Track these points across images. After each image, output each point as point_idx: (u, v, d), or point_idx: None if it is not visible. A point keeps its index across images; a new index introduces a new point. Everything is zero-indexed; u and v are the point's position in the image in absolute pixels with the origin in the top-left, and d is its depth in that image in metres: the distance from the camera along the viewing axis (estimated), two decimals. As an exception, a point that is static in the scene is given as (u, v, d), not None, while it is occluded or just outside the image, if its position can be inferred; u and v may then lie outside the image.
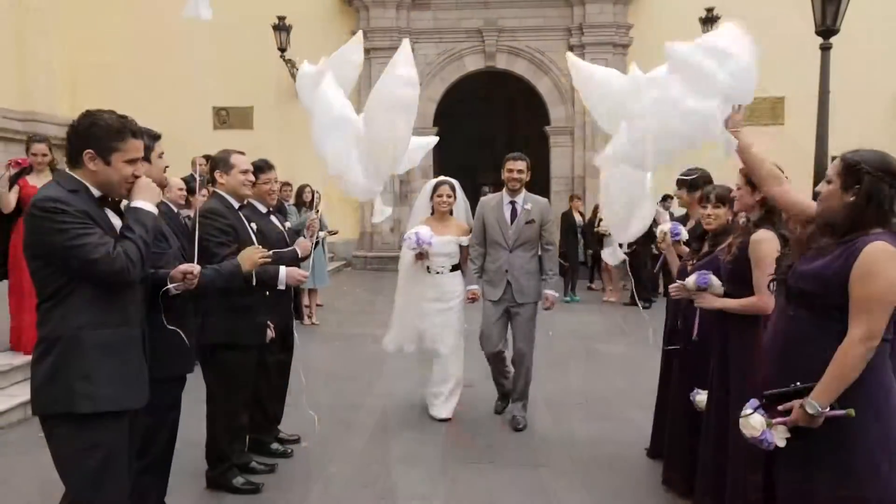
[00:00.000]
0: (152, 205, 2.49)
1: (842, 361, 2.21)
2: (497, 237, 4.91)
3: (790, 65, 12.89)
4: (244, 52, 13.82)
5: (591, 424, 5.11)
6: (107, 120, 2.39)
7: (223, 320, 3.69)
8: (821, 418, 2.20)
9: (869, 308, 2.21)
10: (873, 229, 2.28)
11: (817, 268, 2.33)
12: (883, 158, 2.35)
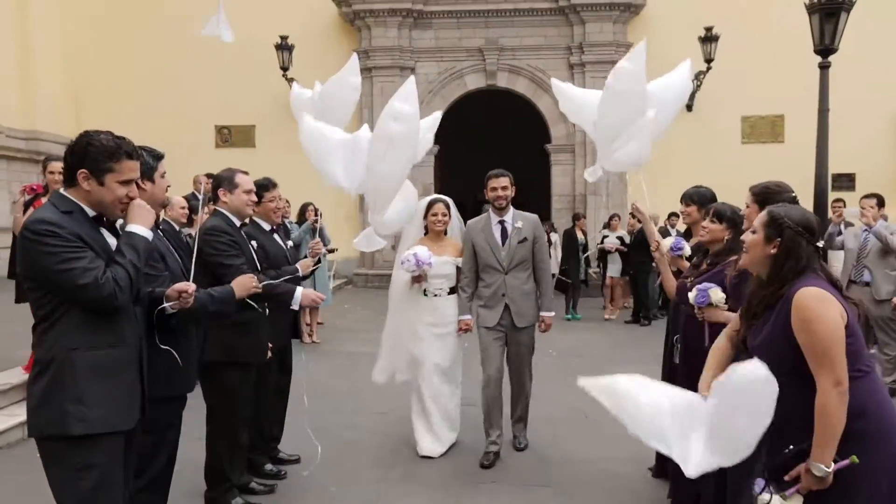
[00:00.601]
0: (146, 229, 2.48)
1: (822, 414, 2.21)
2: (490, 260, 4.64)
3: (790, 83, 13.00)
4: (246, 70, 13.91)
5: (592, 443, 5.06)
6: (102, 141, 2.39)
7: (222, 338, 3.68)
8: (830, 476, 2.19)
9: (823, 355, 2.23)
10: (796, 280, 2.33)
11: (765, 337, 2.39)
12: (804, 215, 2.45)
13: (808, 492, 2.23)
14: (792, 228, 2.38)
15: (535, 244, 4.73)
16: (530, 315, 4.70)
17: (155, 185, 3.08)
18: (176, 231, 3.69)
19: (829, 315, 2.24)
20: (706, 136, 13.90)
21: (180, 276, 3.10)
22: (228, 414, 3.80)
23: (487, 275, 4.66)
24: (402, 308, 4.86)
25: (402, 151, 3.68)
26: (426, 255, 4.53)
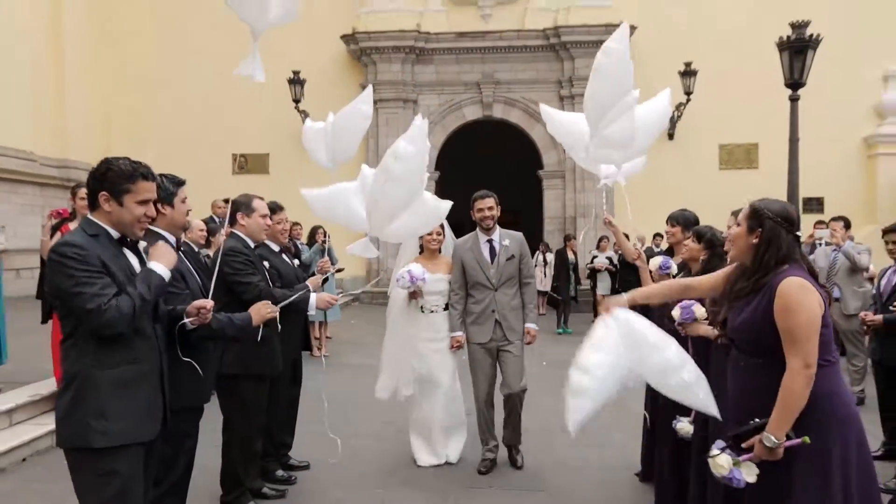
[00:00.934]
0: (166, 269, 2.49)
1: (787, 392, 2.23)
2: (479, 278, 4.52)
3: (763, 114, 13.10)
4: (261, 103, 14.01)
5: (583, 450, 5.02)
6: (120, 165, 2.42)
7: (238, 352, 3.67)
8: (780, 449, 2.21)
9: (799, 339, 2.25)
10: (780, 267, 2.35)
11: (746, 316, 2.40)
12: (783, 207, 2.47)
13: (759, 461, 2.25)
14: (772, 219, 2.40)
15: (521, 261, 4.64)
16: (520, 329, 4.58)
17: (175, 210, 3.09)
18: (195, 252, 3.70)
19: (809, 303, 2.27)
20: (686, 162, 13.97)
21: (199, 294, 3.10)
22: (243, 423, 3.78)
23: (477, 292, 4.54)
24: (400, 325, 4.73)
25: (400, 186, 3.62)
26: (420, 272, 4.42)
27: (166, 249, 2.55)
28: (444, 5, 14.46)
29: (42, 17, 13.52)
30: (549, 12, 14.07)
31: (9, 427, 4.92)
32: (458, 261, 4.60)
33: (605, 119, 3.74)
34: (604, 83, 3.73)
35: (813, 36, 8.59)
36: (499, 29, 14.27)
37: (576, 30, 13.67)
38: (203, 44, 14.55)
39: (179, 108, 14.65)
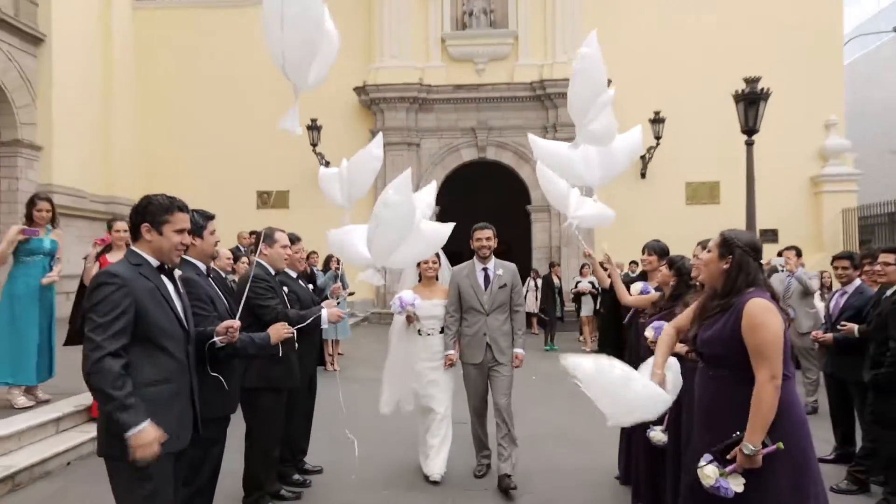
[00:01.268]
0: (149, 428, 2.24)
1: (758, 403, 2.22)
2: (473, 303, 4.41)
3: (723, 155, 13.20)
4: (283, 146, 14.07)
5: (570, 456, 4.98)
6: (158, 199, 2.46)
7: (259, 367, 3.66)
8: (758, 456, 2.18)
9: (765, 354, 2.24)
10: (747, 290, 2.36)
11: (715, 332, 2.40)
12: (751, 238, 2.50)
13: (743, 469, 2.22)
14: (741, 248, 2.42)
15: (512, 290, 4.53)
16: (509, 352, 4.44)
17: (204, 241, 3.11)
18: (222, 278, 3.70)
19: (773, 322, 2.27)
20: (656, 198, 14.05)
21: (226, 315, 3.10)
22: (263, 432, 3.76)
23: (471, 315, 4.44)
24: (400, 346, 4.62)
25: (391, 229, 3.61)
26: (409, 297, 4.34)
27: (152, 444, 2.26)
28: (443, 61, 14.66)
29: (96, 78, 13.74)
30: (536, 67, 14.25)
31: (56, 434, 4.89)
32: (455, 286, 4.51)
33: (588, 116, 3.81)
34: (582, 84, 3.81)
35: (763, 89, 8.72)
36: (491, 82, 14.45)
37: (558, 83, 13.82)
38: (231, 97, 14.75)
39: (210, 151, 14.75)
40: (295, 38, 3.21)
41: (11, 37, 11.59)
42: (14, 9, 11.70)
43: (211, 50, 14.94)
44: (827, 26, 14.31)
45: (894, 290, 4.12)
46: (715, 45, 14.06)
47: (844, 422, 4.97)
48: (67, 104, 12.61)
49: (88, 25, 13.57)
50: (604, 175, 4.05)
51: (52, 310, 5.24)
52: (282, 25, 3.14)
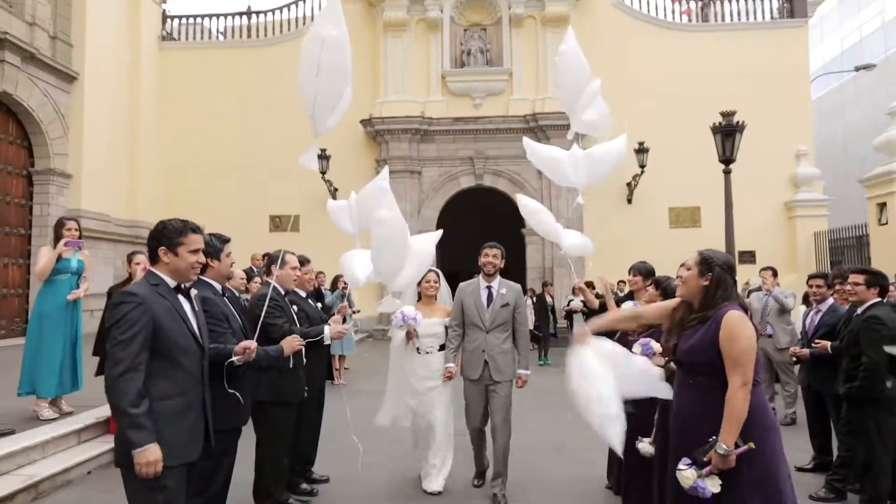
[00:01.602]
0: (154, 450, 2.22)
1: (731, 407, 2.24)
2: (475, 319, 4.23)
3: (703, 182, 13.24)
4: (294, 174, 14.06)
5: (562, 466, 4.91)
6: (172, 223, 2.47)
7: (270, 381, 3.62)
8: (732, 456, 2.20)
9: (739, 362, 2.28)
10: (723, 304, 2.40)
11: (696, 341, 2.43)
12: (727, 257, 2.56)
13: (719, 470, 2.22)
14: (720, 266, 2.47)
15: (515, 309, 4.31)
16: (507, 371, 4.20)
17: (221, 263, 3.11)
18: (236, 297, 3.68)
19: (747, 333, 2.32)
20: (642, 222, 14.08)
21: (240, 332, 3.09)
22: (273, 443, 3.71)
23: (471, 331, 4.26)
24: (399, 363, 4.42)
25: (394, 241, 3.56)
26: (411, 312, 4.17)
27: None
28: (443, 96, 14.80)
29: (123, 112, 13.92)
30: (528, 101, 14.39)
31: (78, 444, 4.82)
32: (459, 301, 4.35)
33: (580, 106, 3.80)
34: (568, 78, 3.81)
35: (738, 122, 8.80)
36: (488, 115, 14.57)
37: (549, 116, 13.97)
38: (247, 129, 14.88)
39: (226, 179, 14.82)
40: (327, 86, 3.28)
41: (48, 75, 11.76)
42: (52, 50, 11.89)
43: (229, 86, 15.12)
44: (795, 66, 14.53)
45: (865, 307, 4.10)
46: (694, 82, 14.23)
47: (821, 432, 4.91)
48: (96, 136, 12.74)
49: (118, 64, 13.77)
50: (589, 178, 4.02)
51: (77, 326, 5.21)
52: (318, 73, 3.18)
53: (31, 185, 11.80)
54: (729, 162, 8.81)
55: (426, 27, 14.78)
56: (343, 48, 3.23)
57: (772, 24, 14.91)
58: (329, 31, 3.17)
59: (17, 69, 11.02)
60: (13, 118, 11.50)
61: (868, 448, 3.88)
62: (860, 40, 21.82)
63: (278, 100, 14.55)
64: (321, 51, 3.15)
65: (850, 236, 12.43)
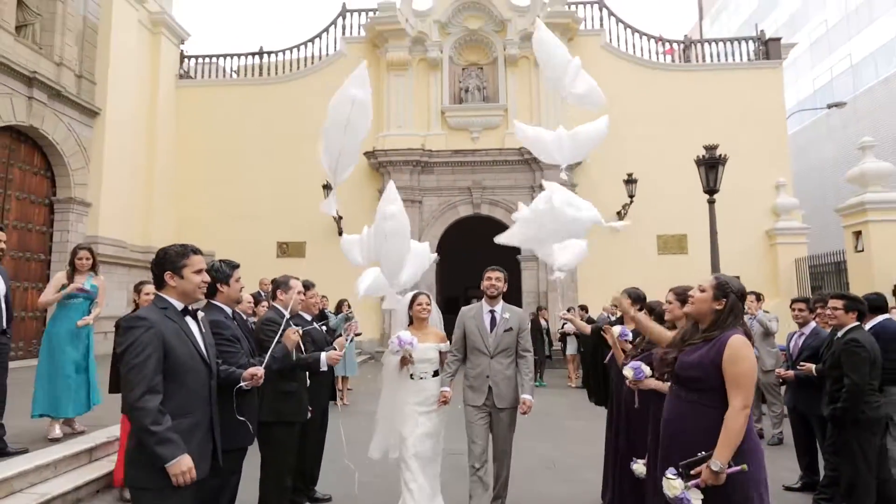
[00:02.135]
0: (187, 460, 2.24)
1: (730, 427, 2.21)
2: (478, 344, 3.97)
3: (690, 211, 13.32)
4: (300, 203, 14.29)
5: (558, 486, 4.82)
6: (173, 248, 2.47)
7: (273, 402, 3.57)
8: (723, 475, 2.16)
9: (741, 384, 2.25)
10: (730, 329, 2.39)
11: (696, 358, 2.40)
12: (741, 285, 2.54)
13: (706, 485, 2.19)
14: (735, 293, 2.45)
15: (519, 334, 4.03)
16: (510, 398, 3.91)
17: (231, 288, 3.11)
18: (244, 319, 3.67)
19: (751, 358, 2.30)
20: (631, 249, 14.09)
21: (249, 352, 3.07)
22: (277, 462, 3.64)
23: (475, 357, 3.99)
24: (392, 390, 4.06)
25: (398, 237, 3.55)
26: (408, 337, 3.85)
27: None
28: (442, 129, 14.98)
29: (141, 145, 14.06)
30: (523, 136, 14.57)
31: (89, 462, 4.73)
32: (461, 325, 4.09)
33: (566, 81, 3.81)
34: (549, 59, 3.83)
35: (721, 155, 8.89)
36: (485, 147, 14.71)
37: (543, 149, 14.10)
38: (256, 161, 15.02)
39: (236, 207, 14.88)
40: (352, 143, 3.35)
41: (73, 111, 11.93)
42: (77, 87, 12.08)
43: (241, 121, 15.31)
44: (772, 103, 14.77)
45: (845, 331, 4.09)
46: (679, 117, 14.44)
47: (808, 452, 4.83)
48: (115, 167, 12.85)
49: (137, 101, 13.98)
50: (572, 155, 4.06)
51: (89, 347, 5.16)
52: (345, 131, 3.24)
53: (52, 213, 11.84)
54: (713, 192, 8.87)
55: (427, 66, 15.05)
56: (368, 110, 3.30)
57: (749, 65, 15.21)
58: (358, 94, 3.25)
59: (44, 105, 11.18)
60: (38, 150, 11.61)
61: (852, 468, 3.83)
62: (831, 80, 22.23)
63: (287, 134, 14.72)
64: (350, 110, 3.21)
65: (829, 262, 12.44)
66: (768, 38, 15.67)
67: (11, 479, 4.00)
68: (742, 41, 15.69)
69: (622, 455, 3.62)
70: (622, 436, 3.72)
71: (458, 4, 15.01)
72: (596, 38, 15.16)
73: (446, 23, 15.05)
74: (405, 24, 14.80)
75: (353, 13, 15.97)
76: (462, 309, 4.21)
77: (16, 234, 10.77)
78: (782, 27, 24.10)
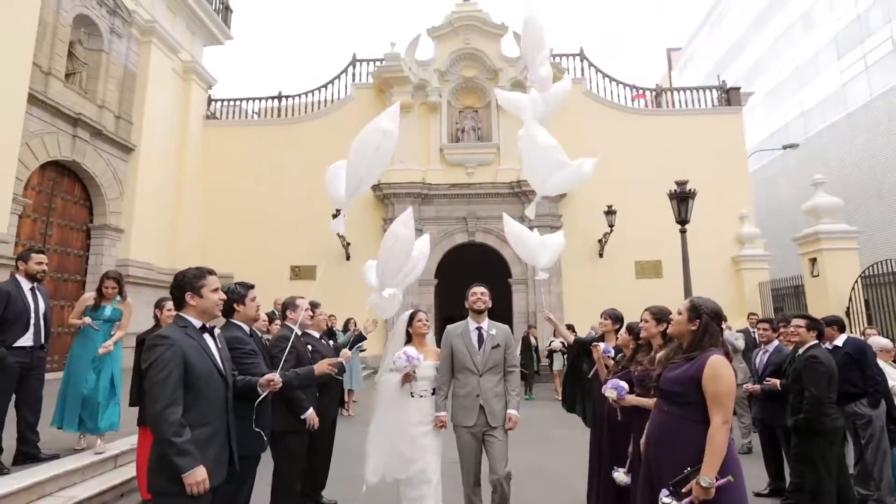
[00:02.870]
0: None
1: (713, 442, 2.16)
2: (467, 363, 3.58)
3: (664, 240, 13.41)
4: (311, 230, 14.31)
5: (544, 492, 4.72)
6: (191, 271, 2.47)
7: (285, 412, 3.54)
8: (712, 489, 2.10)
9: (721, 401, 2.20)
10: (710, 348, 2.34)
11: (678, 374, 2.37)
12: (715, 305, 2.49)
13: (699, 502, 2.13)
14: (708, 314, 2.41)
15: (506, 350, 3.69)
16: (501, 415, 3.55)
17: (246, 307, 3.10)
18: (259, 336, 3.65)
19: (730, 376, 2.24)
20: (611, 274, 14.12)
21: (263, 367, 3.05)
22: (288, 469, 3.58)
23: (463, 376, 3.59)
24: (391, 409, 3.67)
25: (399, 257, 3.64)
26: (415, 352, 3.58)
27: None
28: (441, 165, 15.12)
29: (171, 178, 14.14)
30: (514, 171, 14.68)
31: (114, 468, 4.64)
32: (448, 345, 3.69)
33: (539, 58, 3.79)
34: (527, 40, 3.80)
35: (691, 190, 8.99)
36: (479, 182, 14.84)
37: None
38: (272, 192, 15.11)
39: (253, 234, 14.90)
40: (377, 167, 3.38)
41: (111, 147, 12.06)
42: (115, 127, 12.24)
43: (260, 157, 15.45)
44: (734, 144, 15.03)
45: (805, 348, 4.08)
46: (654, 156, 14.65)
47: (774, 460, 4.78)
48: (146, 197, 12.92)
49: (169, 138, 14.12)
50: (544, 112, 4.08)
51: (113, 368, 4.79)
52: (374, 155, 3.29)
53: (88, 238, 11.84)
54: (684, 223, 8.94)
55: (427, 109, 15.29)
56: (395, 141, 3.35)
57: (713, 111, 15.51)
58: (389, 126, 3.31)
59: (86, 142, 11.31)
60: (79, 182, 11.69)
61: (815, 475, 3.78)
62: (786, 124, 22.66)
63: (301, 169, 14.85)
64: (381, 139, 3.27)
65: (789, 286, 12.47)
66: (729, 87, 16.02)
67: (43, 482, 3.94)
68: (706, 90, 16.03)
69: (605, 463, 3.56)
70: (605, 445, 3.67)
71: (455, 55, 15.34)
72: (578, 85, 15.47)
73: (445, 71, 15.35)
74: (408, 72, 15.10)
75: (362, 62, 16.28)
76: (447, 327, 3.79)
77: (56, 258, 10.76)
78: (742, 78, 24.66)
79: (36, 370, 4.36)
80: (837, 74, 19.65)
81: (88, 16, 11.51)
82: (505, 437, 3.54)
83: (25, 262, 4.39)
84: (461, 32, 15.38)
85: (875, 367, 4.39)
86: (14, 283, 4.34)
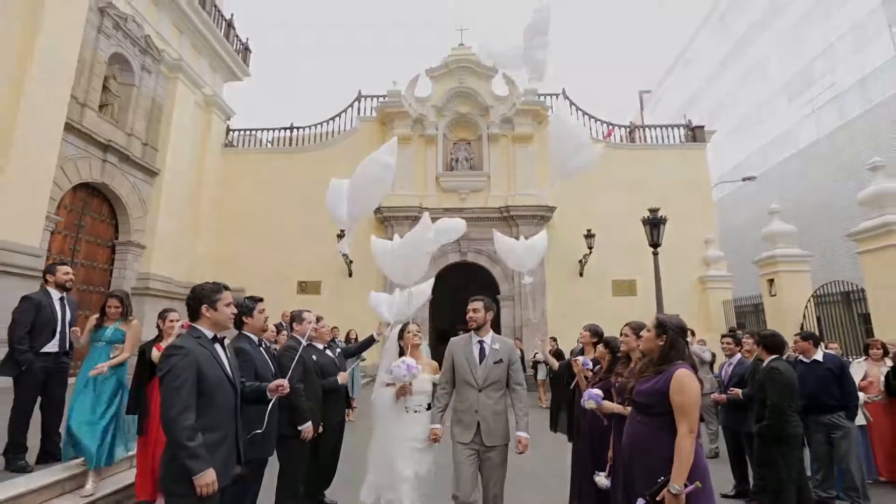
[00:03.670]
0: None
1: (680, 451, 2.15)
2: (467, 376, 3.19)
3: (638, 261, 13.48)
4: (318, 249, 14.28)
5: (528, 494, 4.63)
6: (207, 285, 2.47)
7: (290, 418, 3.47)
8: (682, 496, 2.09)
9: (686, 412, 2.20)
10: (676, 361, 2.34)
11: (648, 387, 2.38)
12: (679, 321, 2.47)
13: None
14: (673, 330, 2.39)
15: (510, 366, 3.27)
16: (500, 435, 3.13)
17: (255, 319, 3.08)
18: (268, 346, 3.61)
19: (695, 388, 2.23)
20: (591, 292, 14.14)
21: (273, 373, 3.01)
22: (292, 471, 3.50)
23: (463, 390, 3.20)
24: (387, 424, 3.42)
25: (372, 184, 3.52)
26: (414, 363, 3.33)
27: None
28: (437, 191, 15.22)
29: (191, 200, 14.14)
30: (502, 196, 14.82)
31: (129, 468, 4.48)
32: (450, 357, 3.32)
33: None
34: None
35: (662, 216, 9.10)
36: (471, 206, 14.91)
37: (519, 208, 14.40)
38: (283, 213, 15.10)
39: (264, 250, 14.84)
40: (376, 195, 3.39)
41: (137, 171, 12.09)
42: (142, 153, 12.29)
43: (272, 182, 15.49)
44: (699, 176, 15.27)
45: (768, 361, 4.08)
46: (628, 186, 14.83)
47: (739, 464, 4.74)
48: (167, 217, 12.88)
49: (189, 164, 14.16)
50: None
51: (113, 393, 4.06)
52: (374, 185, 3.33)
53: (113, 254, 11.76)
54: (656, 246, 9.02)
55: (425, 141, 15.46)
56: (392, 171, 3.39)
57: (681, 146, 15.79)
58: (389, 160, 3.35)
59: (115, 166, 11.33)
60: (106, 202, 11.66)
61: (776, 477, 3.74)
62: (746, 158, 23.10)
63: (309, 193, 14.88)
64: (381, 170, 3.30)
65: (750, 304, 12.55)
66: (695, 125, 16.35)
67: (63, 481, 3.84)
68: (674, 127, 16.35)
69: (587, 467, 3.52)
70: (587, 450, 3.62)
71: (451, 93, 15.59)
72: (560, 122, 15.71)
73: (441, 107, 15.59)
74: (408, 107, 15.32)
75: (367, 98, 16.50)
76: (451, 339, 3.44)
77: (83, 271, 10.68)
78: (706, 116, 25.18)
79: (60, 375, 4.28)
80: (790, 116, 20.21)
81: (123, 54, 11.65)
82: (501, 458, 3.13)
83: (53, 274, 4.36)
84: (456, 73, 15.66)
85: (852, 384, 4.39)
86: (44, 293, 4.30)
